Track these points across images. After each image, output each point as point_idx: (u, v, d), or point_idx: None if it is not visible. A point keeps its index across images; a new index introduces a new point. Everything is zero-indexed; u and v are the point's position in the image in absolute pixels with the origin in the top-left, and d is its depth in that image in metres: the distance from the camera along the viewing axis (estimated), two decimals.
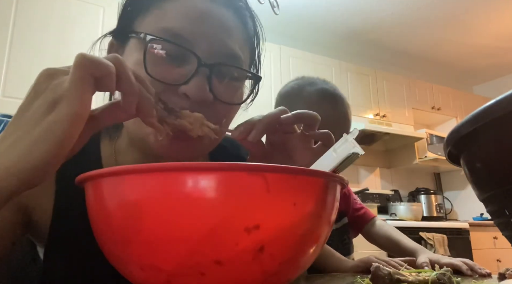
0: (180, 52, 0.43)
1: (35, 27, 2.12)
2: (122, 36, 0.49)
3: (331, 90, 0.86)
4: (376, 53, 3.80)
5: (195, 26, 0.44)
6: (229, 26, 0.47)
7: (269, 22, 3.17)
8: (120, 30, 0.49)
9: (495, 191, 0.32)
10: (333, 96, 0.85)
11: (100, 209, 0.29)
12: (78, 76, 0.31)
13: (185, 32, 0.44)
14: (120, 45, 0.49)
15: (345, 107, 0.85)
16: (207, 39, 0.44)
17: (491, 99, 0.29)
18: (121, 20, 0.50)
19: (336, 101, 0.84)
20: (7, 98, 1.98)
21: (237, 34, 0.48)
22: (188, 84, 0.42)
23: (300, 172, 0.28)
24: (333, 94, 0.86)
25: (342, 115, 0.82)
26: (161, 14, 0.45)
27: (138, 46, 0.45)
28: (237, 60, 0.47)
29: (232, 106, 0.49)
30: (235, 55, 0.47)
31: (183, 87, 0.43)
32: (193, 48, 0.43)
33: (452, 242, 2.78)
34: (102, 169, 0.28)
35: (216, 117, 0.45)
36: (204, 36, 0.44)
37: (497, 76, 4.33)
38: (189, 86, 0.42)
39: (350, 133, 0.35)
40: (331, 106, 0.83)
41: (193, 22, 0.44)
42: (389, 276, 0.41)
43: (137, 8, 0.48)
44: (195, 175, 0.26)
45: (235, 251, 0.26)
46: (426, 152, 3.41)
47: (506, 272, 0.52)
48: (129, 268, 0.29)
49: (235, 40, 0.48)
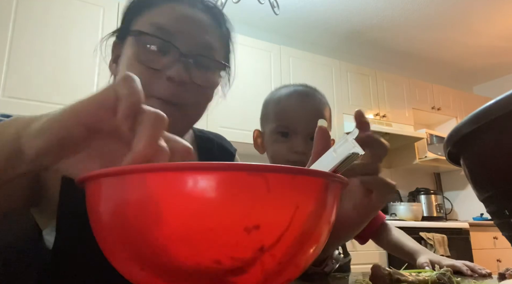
0: (165, 45, 0.54)
1: (35, 27, 2.12)
2: (122, 36, 0.59)
3: (302, 88, 0.85)
4: (376, 53, 3.80)
5: (177, 23, 0.55)
6: (206, 25, 0.58)
7: (269, 22, 3.18)
8: (121, 30, 0.61)
9: (495, 191, 0.32)
10: (302, 92, 0.84)
11: (100, 209, 0.29)
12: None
13: (169, 27, 0.55)
14: (120, 43, 0.59)
15: (318, 103, 0.82)
16: (187, 34, 0.55)
17: (491, 99, 0.29)
18: (122, 22, 0.61)
19: (305, 96, 0.82)
20: (7, 98, 1.98)
21: (212, 32, 0.59)
22: (171, 69, 0.53)
23: (300, 172, 0.28)
24: (303, 90, 0.84)
25: (313, 110, 0.81)
26: (150, 14, 0.57)
27: (133, 42, 0.55)
28: (212, 52, 0.58)
29: (207, 90, 0.59)
30: (210, 47, 0.58)
31: (167, 72, 0.53)
32: (175, 42, 0.54)
33: (452, 242, 2.78)
34: (101, 169, 0.28)
35: (194, 99, 0.56)
36: (185, 32, 0.55)
37: (497, 76, 4.33)
38: (172, 71, 0.53)
39: (350, 133, 0.35)
40: (299, 101, 0.81)
41: (176, 19, 0.56)
42: (389, 276, 0.41)
43: (133, 12, 0.59)
44: (195, 174, 0.26)
45: (235, 251, 0.26)
46: (426, 152, 3.41)
47: (506, 272, 0.52)
48: (129, 268, 0.29)
49: (210, 36, 0.58)
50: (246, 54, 2.83)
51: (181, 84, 0.54)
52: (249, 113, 2.68)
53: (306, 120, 0.79)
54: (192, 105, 0.57)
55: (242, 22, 3.17)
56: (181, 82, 0.54)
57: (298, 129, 0.79)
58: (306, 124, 0.79)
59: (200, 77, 0.57)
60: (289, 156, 0.78)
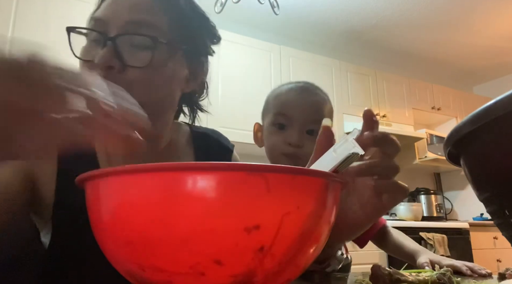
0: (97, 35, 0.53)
1: (35, 27, 2.11)
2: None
3: (303, 84, 0.85)
4: (376, 53, 3.80)
5: (109, 8, 0.54)
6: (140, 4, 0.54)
7: (269, 22, 3.18)
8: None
9: (495, 191, 0.32)
10: (302, 86, 0.84)
11: (100, 209, 0.29)
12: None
13: (102, 15, 0.54)
14: None
15: (317, 98, 0.83)
16: (115, 16, 0.53)
17: (491, 99, 0.29)
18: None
19: (305, 91, 0.83)
20: None
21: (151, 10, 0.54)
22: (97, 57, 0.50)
23: (301, 172, 0.28)
24: (303, 85, 0.84)
25: (311, 103, 0.81)
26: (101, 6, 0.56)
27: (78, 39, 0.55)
28: (144, 28, 0.53)
29: (144, 71, 0.52)
30: (141, 23, 0.53)
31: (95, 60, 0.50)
32: (108, 27, 0.52)
33: (452, 242, 2.78)
34: (101, 169, 0.28)
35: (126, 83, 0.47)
36: (115, 14, 0.53)
37: (497, 76, 4.33)
38: (97, 58, 0.50)
39: (350, 133, 0.35)
40: (298, 94, 0.82)
41: (108, 5, 0.54)
42: (389, 276, 0.41)
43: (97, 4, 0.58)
44: (195, 174, 0.26)
45: (235, 251, 0.26)
46: (426, 152, 3.41)
47: (506, 272, 0.52)
48: (129, 268, 0.29)
49: (145, 12, 0.54)
50: (246, 54, 2.83)
51: (110, 69, 0.51)
52: (249, 113, 2.69)
53: (302, 113, 0.79)
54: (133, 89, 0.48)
55: (242, 22, 3.17)
56: (109, 67, 0.50)
57: (294, 121, 0.79)
58: (303, 116, 0.79)
59: (132, 58, 0.52)
60: (284, 147, 0.78)
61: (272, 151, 0.81)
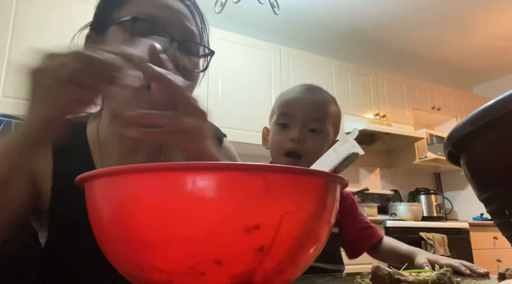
0: (156, 30, 0.56)
1: (35, 27, 2.11)
2: (100, 27, 0.60)
3: (307, 85, 0.88)
4: (376, 53, 3.80)
5: (162, 12, 0.58)
6: (186, 14, 0.62)
7: (269, 22, 3.18)
8: (99, 22, 0.61)
9: (495, 191, 0.32)
10: (306, 87, 0.87)
11: (100, 209, 0.29)
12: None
13: (154, 15, 0.57)
14: (98, 35, 0.61)
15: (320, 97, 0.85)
16: (172, 21, 0.58)
17: (491, 99, 0.29)
18: (97, 15, 0.62)
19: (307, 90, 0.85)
20: (7, 98, 1.98)
21: (191, 20, 0.62)
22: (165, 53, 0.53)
23: (300, 172, 0.28)
24: (306, 86, 0.87)
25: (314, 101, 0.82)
26: (134, 4, 0.58)
27: (120, 31, 0.57)
28: (195, 39, 0.61)
29: (194, 73, 0.62)
30: (193, 34, 0.61)
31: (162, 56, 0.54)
32: (165, 28, 0.57)
33: (452, 242, 2.78)
34: (101, 169, 0.28)
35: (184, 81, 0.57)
36: (169, 19, 0.58)
37: (497, 76, 4.33)
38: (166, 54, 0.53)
39: (350, 133, 0.35)
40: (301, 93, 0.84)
41: (160, 9, 0.58)
42: (389, 276, 0.41)
43: (113, 4, 0.60)
44: (195, 174, 0.26)
45: (235, 251, 0.26)
46: (426, 152, 3.41)
47: (506, 272, 0.52)
48: (129, 268, 0.29)
49: (191, 24, 0.61)
50: (246, 54, 2.83)
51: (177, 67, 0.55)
52: (249, 113, 2.69)
53: (304, 110, 0.80)
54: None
55: (242, 22, 3.17)
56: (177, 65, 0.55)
57: (296, 119, 0.80)
58: (304, 114, 0.80)
59: (188, 62, 0.59)
60: (286, 144, 0.79)
61: (275, 150, 0.82)
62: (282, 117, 0.82)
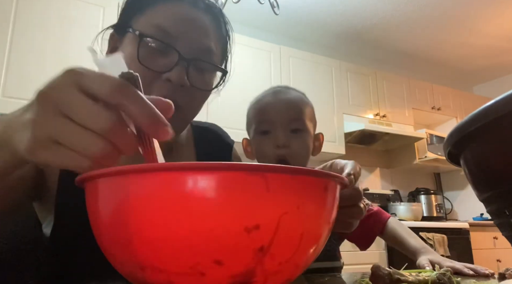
0: (166, 47, 0.55)
1: (35, 27, 2.11)
2: (121, 30, 0.59)
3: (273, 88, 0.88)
4: (376, 53, 3.80)
5: (179, 26, 0.56)
6: (206, 28, 0.59)
7: (269, 22, 3.18)
8: (120, 25, 0.60)
9: (495, 191, 0.32)
10: (276, 90, 0.87)
11: (100, 209, 0.29)
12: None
13: (171, 29, 0.55)
14: (118, 38, 0.60)
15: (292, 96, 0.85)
16: (188, 37, 0.56)
17: (491, 99, 0.29)
18: (121, 16, 0.61)
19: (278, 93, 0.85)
20: (7, 98, 1.98)
21: (212, 34, 0.61)
22: (170, 71, 0.54)
23: (300, 172, 0.28)
24: (275, 89, 0.87)
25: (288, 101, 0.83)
26: (153, 14, 0.57)
27: (133, 41, 0.56)
28: (211, 56, 0.60)
29: (204, 92, 0.61)
30: (210, 51, 0.59)
31: (167, 74, 0.54)
32: (176, 44, 0.55)
33: (452, 242, 2.78)
34: (102, 169, 0.28)
35: (191, 100, 0.58)
36: (186, 35, 0.56)
37: (497, 76, 4.33)
38: (171, 73, 0.54)
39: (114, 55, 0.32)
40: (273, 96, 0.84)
41: (178, 22, 0.56)
42: (389, 276, 0.41)
43: (135, 8, 0.59)
44: (195, 174, 0.26)
45: (235, 251, 0.26)
46: (426, 152, 3.41)
47: (506, 272, 0.52)
48: (129, 268, 0.29)
49: (211, 39, 0.60)
50: (246, 54, 2.83)
51: (179, 86, 0.55)
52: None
53: (281, 113, 0.80)
54: (188, 106, 0.58)
55: (242, 22, 3.17)
56: (179, 84, 0.55)
57: (276, 122, 0.79)
58: (283, 115, 0.80)
59: (198, 80, 0.58)
60: (272, 151, 0.78)
61: (263, 159, 0.81)
62: (261, 125, 0.81)
